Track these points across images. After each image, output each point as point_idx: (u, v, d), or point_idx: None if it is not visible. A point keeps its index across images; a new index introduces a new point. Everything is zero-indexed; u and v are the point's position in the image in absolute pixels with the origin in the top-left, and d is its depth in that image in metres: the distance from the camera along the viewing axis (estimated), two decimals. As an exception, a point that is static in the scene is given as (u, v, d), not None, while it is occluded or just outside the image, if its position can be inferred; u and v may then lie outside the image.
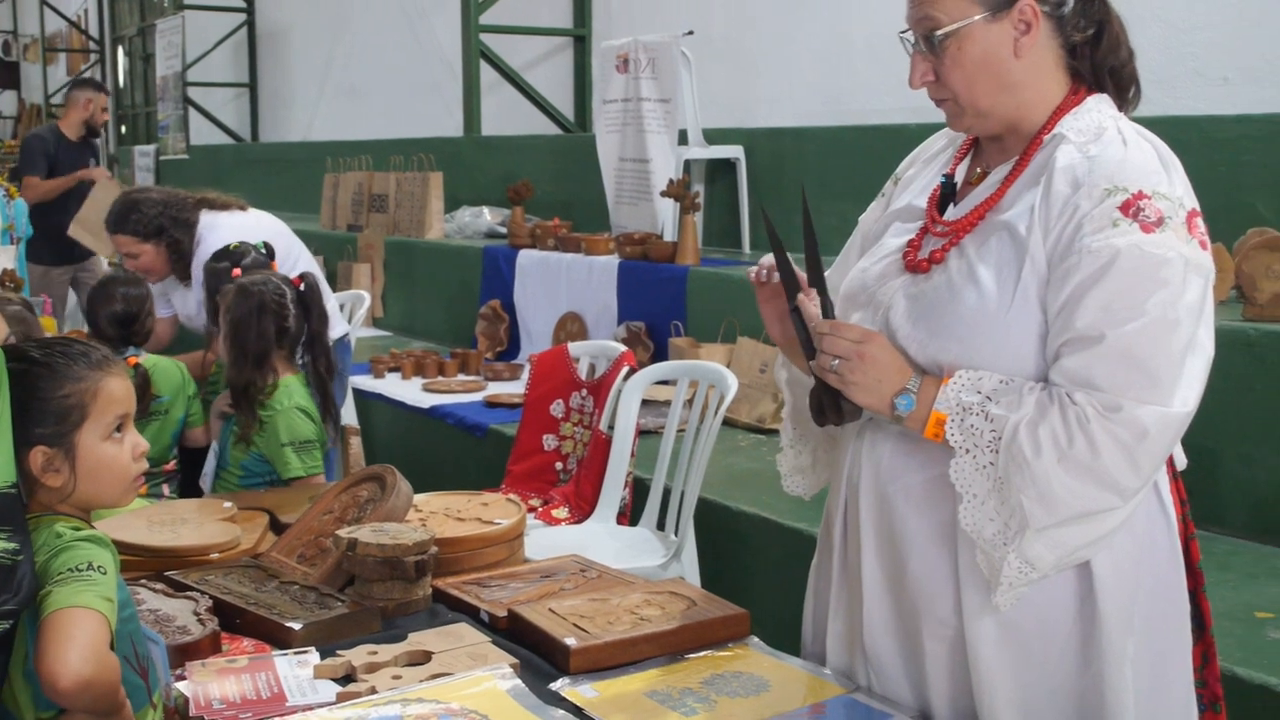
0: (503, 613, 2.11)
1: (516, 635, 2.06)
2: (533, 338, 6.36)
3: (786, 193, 5.89)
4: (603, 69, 6.53)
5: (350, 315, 5.72)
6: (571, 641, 1.95)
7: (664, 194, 5.82)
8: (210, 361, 3.88)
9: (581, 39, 8.57)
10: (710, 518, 3.81)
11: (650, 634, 2.00)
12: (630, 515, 3.94)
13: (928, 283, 1.83)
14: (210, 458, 3.47)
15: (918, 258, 1.86)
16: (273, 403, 3.23)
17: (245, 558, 2.43)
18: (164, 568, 2.33)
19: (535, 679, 1.89)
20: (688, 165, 6.16)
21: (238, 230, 4.15)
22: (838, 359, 1.77)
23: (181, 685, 1.84)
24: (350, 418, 5.01)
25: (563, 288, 6.18)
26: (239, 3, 13.71)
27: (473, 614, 2.16)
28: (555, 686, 1.88)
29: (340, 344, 4.61)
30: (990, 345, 1.74)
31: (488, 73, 8.53)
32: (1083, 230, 1.69)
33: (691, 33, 6.10)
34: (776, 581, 3.60)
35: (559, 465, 4.26)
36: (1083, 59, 1.83)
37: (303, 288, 3.37)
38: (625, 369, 4.07)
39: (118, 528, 2.38)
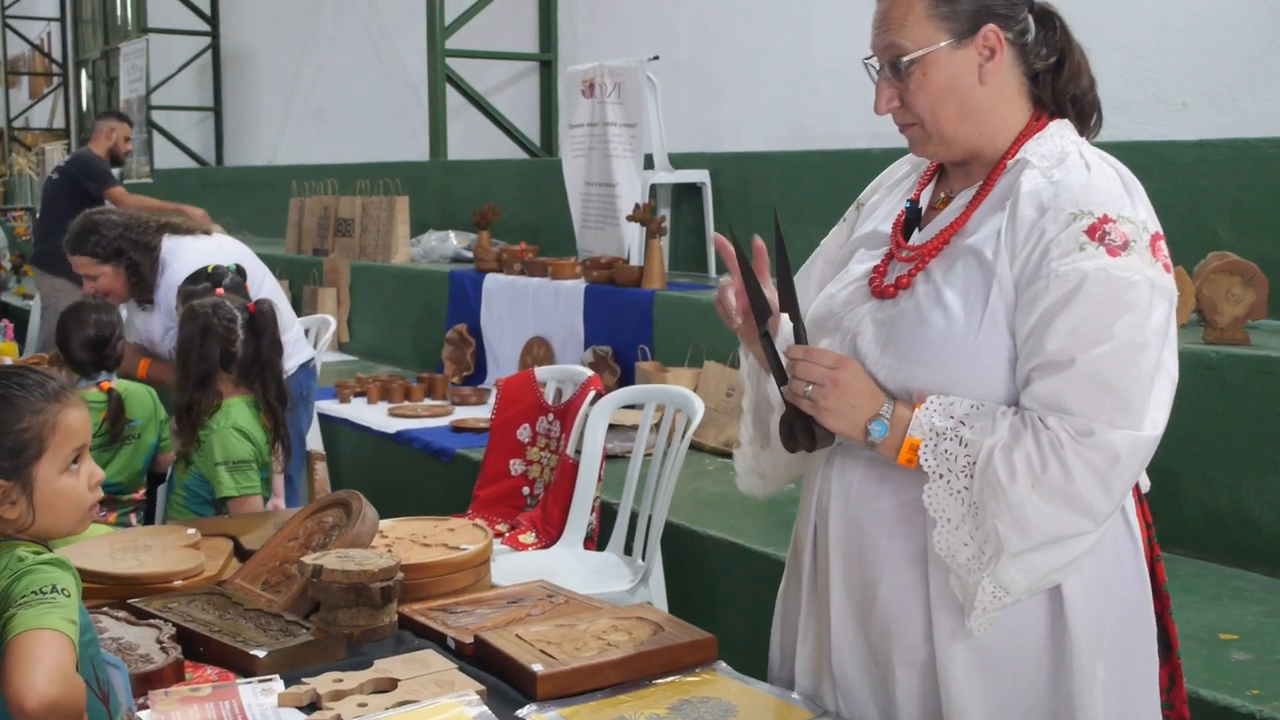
0: (469, 639, 2.10)
1: (483, 662, 2.05)
2: (499, 362, 6.35)
3: (753, 216, 5.91)
4: (569, 94, 6.55)
5: (316, 339, 5.69)
6: (538, 668, 1.94)
7: (630, 218, 5.83)
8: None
9: (548, 64, 8.59)
10: (677, 542, 3.81)
11: (617, 659, 1.99)
12: (597, 540, 3.94)
13: (895, 308, 1.83)
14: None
15: (884, 283, 1.87)
16: (212, 422, 3.22)
17: (209, 584, 2.41)
18: (127, 595, 2.30)
19: (502, 705, 1.88)
20: (654, 189, 6.17)
21: (203, 255, 4.14)
22: (811, 384, 1.77)
23: (144, 714, 1.82)
24: (315, 443, 4.98)
25: (529, 312, 6.18)
26: (203, 26, 13.67)
27: (439, 640, 2.15)
28: (522, 713, 1.87)
29: (306, 369, 4.59)
30: (959, 369, 1.75)
31: (454, 97, 8.54)
32: (1050, 254, 1.70)
33: (657, 58, 6.13)
34: (744, 606, 3.60)
35: (526, 490, 4.25)
36: (1044, 86, 1.85)
37: (254, 313, 3.34)
38: (592, 393, 4.07)
39: (80, 555, 2.36)
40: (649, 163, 6.18)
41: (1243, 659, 2.74)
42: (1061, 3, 1.90)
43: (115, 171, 8.03)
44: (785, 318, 1.87)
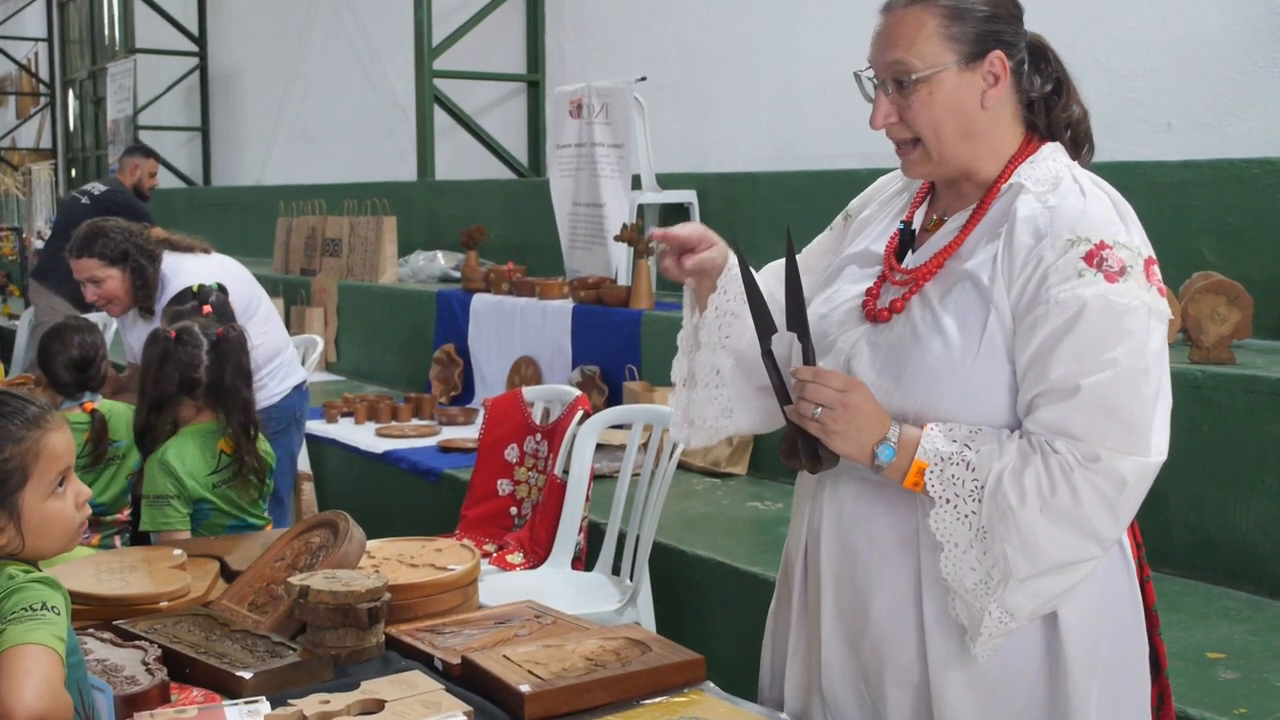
0: (456, 660, 2.10)
1: (470, 682, 2.04)
2: (487, 382, 6.35)
3: (740, 236, 5.91)
4: (556, 114, 6.56)
5: (303, 359, 5.68)
6: (526, 688, 1.94)
7: (618, 238, 5.84)
8: None
9: (535, 84, 8.61)
10: (665, 562, 3.81)
11: (605, 679, 1.99)
12: (585, 560, 3.93)
13: (890, 332, 1.83)
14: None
15: (878, 306, 1.87)
16: (156, 451, 3.14)
17: (195, 606, 2.40)
18: (112, 616, 2.29)
19: (490, 727, 1.88)
20: (641, 209, 6.19)
21: (201, 274, 4.13)
22: (820, 407, 1.76)
23: (129, 737, 1.81)
24: (303, 463, 4.97)
25: (517, 332, 6.18)
26: (191, 46, 13.68)
27: (426, 661, 2.14)
28: (510, 734, 1.86)
29: (299, 391, 4.57)
30: (956, 394, 1.75)
31: (441, 117, 8.55)
32: (1048, 281, 1.70)
33: (645, 78, 6.15)
34: (732, 626, 3.59)
35: (513, 510, 4.24)
36: (1039, 112, 1.86)
37: (220, 339, 3.21)
38: (580, 413, 4.06)
39: (65, 576, 2.33)
40: (636, 183, 6.19)
41: (1230, 678, 2.74)
42: (1047, 24, 1.91)
43: None
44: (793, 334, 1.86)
